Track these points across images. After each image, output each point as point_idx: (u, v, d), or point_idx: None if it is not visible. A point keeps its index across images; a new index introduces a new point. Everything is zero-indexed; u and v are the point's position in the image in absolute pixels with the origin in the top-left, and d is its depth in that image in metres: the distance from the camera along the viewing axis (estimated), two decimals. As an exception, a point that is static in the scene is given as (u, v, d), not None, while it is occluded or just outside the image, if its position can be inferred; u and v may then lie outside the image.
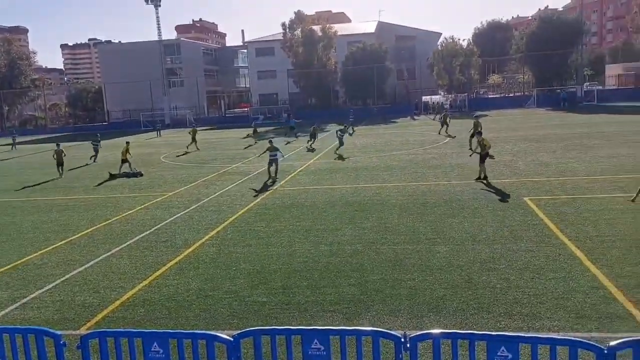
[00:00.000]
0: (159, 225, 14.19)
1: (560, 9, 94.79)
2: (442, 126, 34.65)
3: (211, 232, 13.13)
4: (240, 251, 11.33)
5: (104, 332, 5.27)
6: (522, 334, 5.82)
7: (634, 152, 21.41)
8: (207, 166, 26.29)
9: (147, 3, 66.27)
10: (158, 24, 68.40)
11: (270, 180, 19.68)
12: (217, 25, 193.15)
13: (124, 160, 25.05)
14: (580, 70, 61.64)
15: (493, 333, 4.59)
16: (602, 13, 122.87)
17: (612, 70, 69.78)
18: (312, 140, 31.23)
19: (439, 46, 68.69)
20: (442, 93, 70.73)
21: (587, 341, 4.45)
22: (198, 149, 34.49)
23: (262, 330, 5.01)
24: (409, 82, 71.23)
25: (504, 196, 15.04)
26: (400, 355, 4.50)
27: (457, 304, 7.92)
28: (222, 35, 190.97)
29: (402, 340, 4.51)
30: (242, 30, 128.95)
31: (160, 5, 66.58)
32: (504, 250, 10.26)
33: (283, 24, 65.77)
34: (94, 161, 30.61)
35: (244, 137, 42.12)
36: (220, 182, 20.96)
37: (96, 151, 31.50)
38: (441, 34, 75.88)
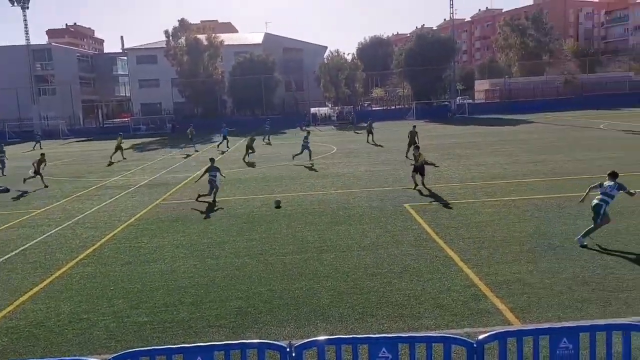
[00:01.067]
0: (26, 245, 12.96)
1: (435, 28, 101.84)
2: (368, 135, 35.83)
3: (86, 250, 12.24)
4: (119, 270, 10.68)
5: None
6: (402, 334, 6.07)
7: (499, 160, 23.49)
8: (82, 180, 24.57)
9: (13, 4, 60.88)
10: (26, 27, 63.00)
11: (215, 204, 16.84)
12: (93, 30, 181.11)
13: (37, 172, 22.69)
14: (453, 85, 66.51)
15: (374, 336, 4.72)
16: (471, 33, 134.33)
17: (481, 86, 76.26)
18: (250, 151, 28.75)
19: (325, 59, 70.64)
20: (330, 105, 72.73)
21: (459, 337, 4.74)
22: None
23: (140, 351, 4.71)
24: (297, 93, 72.31)
25: (386, 203, 15.70)
26: (286, 365, 4.48)
27: (342, 310, 8.08)
28: (100, 42, 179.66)
29: (288, 349, 4.51)
30: (122, 37, 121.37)
31: (28, 7, 61.39)
32: (386, 254, 10.69)
33: (166, 32, 63.64)
34: (3, 174, 27.38)
35: (126, 148, 40.04)
36: (97, 196, 19.68)
37: (2, 163, 28.14)
38: (327, 47, 78.32)
